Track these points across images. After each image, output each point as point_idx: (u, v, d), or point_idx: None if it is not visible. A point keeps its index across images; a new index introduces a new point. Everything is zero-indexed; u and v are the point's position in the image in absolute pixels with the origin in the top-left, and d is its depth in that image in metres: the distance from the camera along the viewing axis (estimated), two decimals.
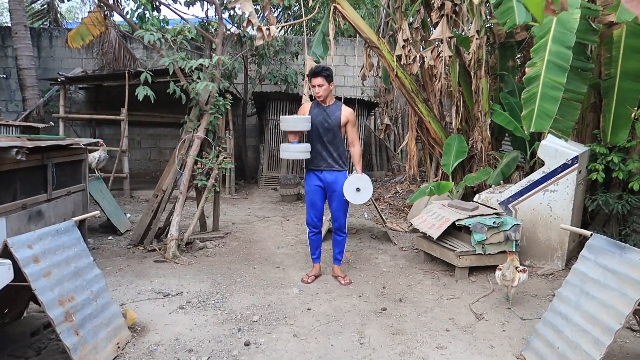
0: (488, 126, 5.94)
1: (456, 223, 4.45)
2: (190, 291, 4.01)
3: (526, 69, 4.24)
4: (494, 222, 4.36)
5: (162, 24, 9.14)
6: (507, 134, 7.06)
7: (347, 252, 5.13)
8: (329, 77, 4.00)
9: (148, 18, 8.11)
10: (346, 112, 4.10)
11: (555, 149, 4.52)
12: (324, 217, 4.51)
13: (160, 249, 5.10)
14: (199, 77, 4.45)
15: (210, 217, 6.16)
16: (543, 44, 4.17)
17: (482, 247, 4.37)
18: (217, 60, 5.17)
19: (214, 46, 5.42)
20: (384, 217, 6.03)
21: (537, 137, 5.87)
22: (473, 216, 4.49)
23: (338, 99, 4.52)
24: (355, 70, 11.28)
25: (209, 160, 5.27)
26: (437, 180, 6.79)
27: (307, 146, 4.02)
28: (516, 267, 3.75)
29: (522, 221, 4.65)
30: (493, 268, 4.54)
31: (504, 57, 6.88)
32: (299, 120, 3.97)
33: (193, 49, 7.96)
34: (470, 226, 4.35)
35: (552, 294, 4.06)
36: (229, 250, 5.29)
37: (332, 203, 4.21)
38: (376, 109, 10.45)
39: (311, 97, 5.18)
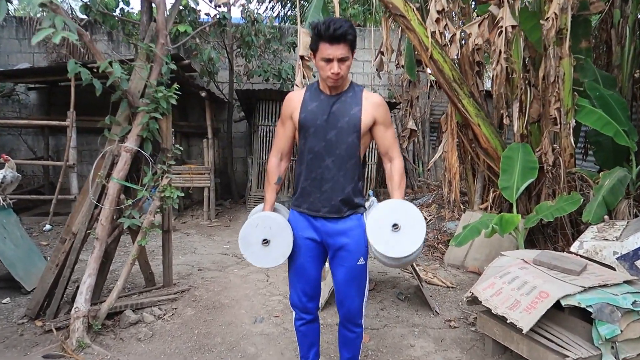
0: (572, 130, 3.99)
1: (562, 303, 2.49)
2: None
3: None
4: (634, 303, 2.41)
5: (123, 4, 7.34)
6: (580, 141, 5.13)
7: (365, 330, 3.18)
8: (354, 43, 2.04)
9: None
10: (373, 104, 2.14)
11: None
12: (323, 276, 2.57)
13: (63, 330, 3.18)
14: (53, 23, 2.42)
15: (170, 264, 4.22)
16: None
17: (613, 348, 2.41)
18: (156, 27, 3.30)
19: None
20: (414, 265, 4.06)
21: None
22: (589, 288, 2.53)
23: None
24: (366, 66, 9.40)
25: (145, 185, 3.36)
26: (485, 207, 4.84)
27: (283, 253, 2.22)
28: None
29: None
30: None
31: (575, 35, 4.94)
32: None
33: None
34: (592, 310, 2.40)
35: None
36: (178, 327, 3.35)
37: (337, 271, 2.25)
38: (394, 110, 8.54)
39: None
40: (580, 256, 3.03)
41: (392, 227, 2.01)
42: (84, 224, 3.33)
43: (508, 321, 2.57)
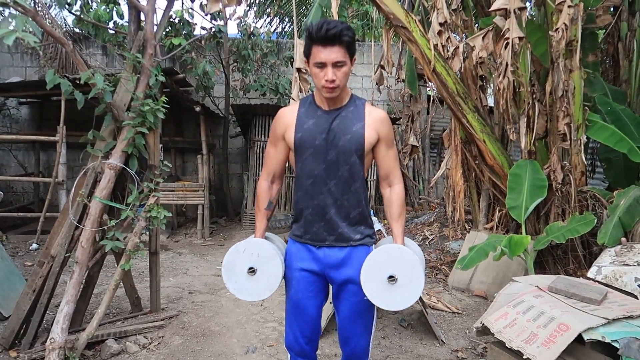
0: (583, 147, 3.79)
1: (584, 337, 2.26)
2: None
3: None
4: None
5: (117, 17, 7.19)
6: (589, 158, 4.94)
7: None
8: (352, 47, 1.80)
9: (92, 8, 6.11)
10: (377, 119, 1.90)
11: None
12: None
13: None
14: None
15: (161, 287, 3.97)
16: None
17: None
18: (144, 36, 3.12)
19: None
20: None
21: None
22: (613, 320, 2.30)
23: None
24: (365, 81, 9.26)
25: (130, 205, 3.14)
26: (491, 227, 4.63)
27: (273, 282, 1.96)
28: None
29: None
30: None
31: (582, 49, 4.80)
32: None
33: None
34: (618, 346, 2.16)
35: None
36: (163, 359, 3.09)
37: (342, 307, 1.99)
38: (394, 126, 8.36)
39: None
40: (599, 282, 2.81)
41: (388, 279, 1.81)
42: (64, 247, 3.10)
43: (525, 357, 2.34)
